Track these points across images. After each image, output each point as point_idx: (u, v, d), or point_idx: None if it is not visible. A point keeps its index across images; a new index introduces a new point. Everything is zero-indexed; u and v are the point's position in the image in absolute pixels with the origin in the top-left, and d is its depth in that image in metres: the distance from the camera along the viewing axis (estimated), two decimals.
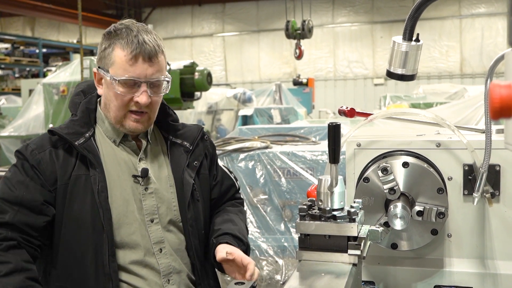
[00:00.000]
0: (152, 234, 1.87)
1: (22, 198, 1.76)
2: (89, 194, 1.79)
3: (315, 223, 1.33)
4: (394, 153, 1.70)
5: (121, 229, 1.82)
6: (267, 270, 4.20)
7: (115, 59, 1.81)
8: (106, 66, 1.84)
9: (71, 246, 1.80)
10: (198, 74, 7.24)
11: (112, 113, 1.87)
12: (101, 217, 1.78)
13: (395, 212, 1.53)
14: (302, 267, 1.33)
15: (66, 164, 1.81)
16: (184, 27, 22.45)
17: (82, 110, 1.91)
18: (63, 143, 1.84)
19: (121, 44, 1.81)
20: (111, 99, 1.85)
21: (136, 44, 1.79)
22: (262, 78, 21.34)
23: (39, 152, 1.81)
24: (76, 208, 1.79)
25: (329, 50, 20.85)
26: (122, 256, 1.82)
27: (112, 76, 1.81)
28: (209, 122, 11.56)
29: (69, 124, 1.88)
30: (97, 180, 1.80)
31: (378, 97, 14.07)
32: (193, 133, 2.06)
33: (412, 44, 1.60)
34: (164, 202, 1.92)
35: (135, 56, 1.79)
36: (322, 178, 1.34)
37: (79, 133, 1.84)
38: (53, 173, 1.79)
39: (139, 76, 1.80)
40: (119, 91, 1.81)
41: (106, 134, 1.92)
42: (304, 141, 4.94)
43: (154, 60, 1.82)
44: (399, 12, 19.19)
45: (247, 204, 4.33)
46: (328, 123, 1.31)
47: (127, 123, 1.86)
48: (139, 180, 1.89)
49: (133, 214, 1.85)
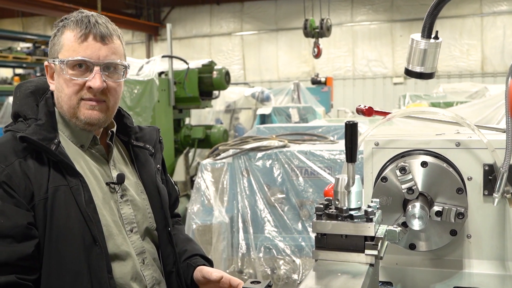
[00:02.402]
0: (134, 245, 1.75)
1: (2, 227, 1.49)
2: (72, 206, 1.58)
3: (332, 223, 1.32)
4: (413, 152, 1.67)
5: (110, 242, 1.66)
6: (284, 269, 4.19)
7: (64, 42, 1.65)
8: (56, 54, 1.67)
9: (63, 266, 1.57)
10: (216, 73, 7.24)
11: (64, 105, 1.67)
12: (92, 230, 1.59)
13: (413, 212, 1.51)
14: (318, 266, 1.31)
15: (40, 175, 1.57)
16: (203, 26, 22.51)
17: (45, 113, 1.67)
18: (30, 151, 1.59)
19: (71, 26, 1.65)
20: (62, 88, 1.66)
21: (86, 23, 1.64)
22: (280, 77, 21.31)
23: (6, 165, 1.54)
24: (61, 224, 1.56)
25: (348, 49, 20.74)
26: (116, 271, 1.67)
27: (61, 60, 1.64)
28: (227, 121, 11.57)
29: (36, 129, 1.61)
30: (81, 190, 1.60)
31: (397, 96, 13.97)
32: (153, 135, 1.94)
33: (431, 42, 1.58)
34: (140, 210, 1.80)
35: (85, 35, 1.63)
36: (339, 177, 1.33)
37: (49, 139, 1.61)
38: (28, 189, 1.54)
39: (90, 57, 1.63)
40: (69, 75, 1.63)
41: (71, 139, 1.71)
42: (322, 140, 4.92)
43: (107, 40, 1.66)
44: (419, 10, 19.00)
45: (265, 203, 4.33)
46: (345, 122, 1.30)
47: (82, 113, 1.66)
48: (114, 187, 1.74)
49: (117, 224, 1.71)
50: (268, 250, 4.26)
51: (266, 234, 4.29)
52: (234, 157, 4.48)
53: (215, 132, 7.47)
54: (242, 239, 4.34)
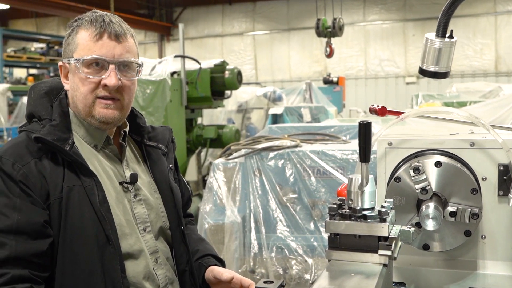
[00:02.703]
0: (147, 244, 1.76)
1: (18, 224, 1.51)
2: (86, 206, 1.60)
3: (345, 223, 1.31)
4: (426, 152, 1.66)
5: (123, 241, 1.67)
6: (296, 269, 4.19)
7: (79, 41, 1.66)
8: (70, 53, 1.68)
9: (76, 266, 1.59)
10: (228, 73, 7.25)
11: (80, 104, 1.68)
12: (106, 229, 1.60)
13: (427, 212, 1.51)
14: (331, 267, 1.31)
15: (55, 175, 1.59)
16: (215, 26, 22.56)
17: (59, 114, 1.68)
18: (45, 151, 1.61)
19: (85, 26, 1.66)
20: (77, 87, 1.67)
21: (101, 22, 1.65)
22: (292, 77, 21.29)
23: (22, 165, 1.56)
24: (75, 224, 1.58)
25: (360, 48, 20.67)
26: (129, 271, 1.68)
27: (76, 59, 1.65)
28: (239, 120, 11.58)
29: (50, 129, 1.63)
30: (95, 189, 1.62)
31: (410, 96, 13.89)
32: (165, 135, 1.95)
33: (446, 41, 1.57)
34: (153, 209, 1.81)
35: (100, 34, 1.65)
36: (353, 177, 1.32)
37: (63, 139, 1.62)
38: (43, 188, 1.56)
39: (105, 55, 1.65)
40: (84, 73, 1.64)
41: (84, 139, 1.72)
42: (334, 140, 4.91)
43: (121, 39, 1.67)
44: (432, 10, 18.87)
45: (277, 203, 4.33)
46: (358, 122, 1.29)
47: (97, 111, 1.67)
48: (127, 187, 1.75)
49: (130, 223, 1.72)
50: (280, 250, 4.26)
51: (278, 234, 4.29)
52: (246, 157, 4.48)
53: (227, 132, 7.48)
54: (254, 239, 4.34)
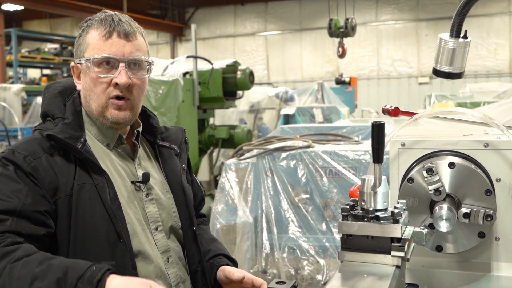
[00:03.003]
0: (158, 243, 1.77)
1: (22, 207, 1.51)
2: (96, 203, 1.61)
3: (358, 224, 1.31)
4: (440, 153, 1.65)
5: (134, 239, 1.68)
6: (308, 270, 4.18)
7: (89, 41, 1.69)
8: (81, 53, 1.71)
9: None
10: (240, 73, 7.25)
11: (93, 104, 1.71)
12: (117, 227, 1.61)
13: (440, 213, 1.50)
14: (344, 267, 1.31)
15: (67, 172, 1.61)
16: (227, 26, 22.59)
17: (71, 113, 1.71)
18: (58, 149, 1.63)
19: (95, 25, 1.69)
20: (90, 87, 1.70)
21: (110, 21, 1.67)
22: (304, 77, 21.26)
23: (33, 158, 1.59)
24: (86, 221, 1.60)
25: (372, 48, 20.60)
26: (140, 269, 1.68)
27: (87, 58, 1.67)
28: (251, 121, 11.59)
29: (63, 127, 1.66)
30: (106, 187, 1.63)
31: (423, 96, 13.82)
32: (178, 135, 1.96)
33: (460, 41, 1.56)
34: (165, 209, 1.82)
35: (110, 32, 1.66)
36: (365, 178, 1.32)
37: (75, 137, 1.65)
38: (52, 183, 1.58)
39: (115, 54, 1.66)
40: (95, 72, 1.66)
41: (97, 138, 1.75)
42: (346, 140, 4.89)
43: (131, 37, 1.69)
44: (445, 9, 18.76)
45: (289, 203, 4.32)
46: (371, 122, 1.29)
47: (109, 113, 1.70)
48: (139, 186, 1.77)
49: (141, 222, 1.73)
50: (292, 250, 4.25)
51: (290, 235, 4.29)
52: (258, 157, 4.48)
53: (239, 132, 7.48)
54: (266, 239, 4.34)
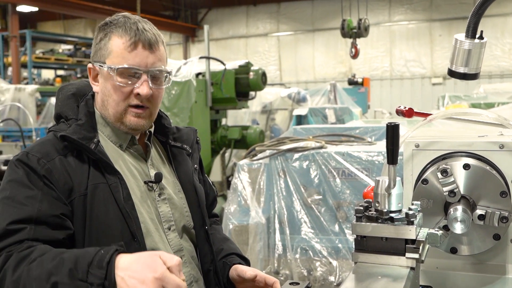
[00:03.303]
0: (171, 243, 1.78)
1: (38, 213, 1.52)
2: (110, 203, 1.62)
3: (372, 225, 1.31)
4: (454, 154, 1.64)
5: (148, 239, 1.69)
6: (321, 271, 4.17)
7: (112, 48, 1.67)
8: (102, 58, 1.70)
9: None
10: (252, 74, 7.27)
11: (111, 110, 1.71)
12: (130, 226, 1.63)
13: (455, 215, 1.49)
14: (358, 269, 1.30)
15: (80, 173, 1.62)
16: (239, 27, 22.62)
17: (85, 114, 1.72)
18: (71, 150, 1.64)
19: (119, 32, 1.67)
20: (109, 93, 1.70)
21: (135, 30, 1.66)
22: (316, 78, 21.22)
23: (47, 160, 1.59)
24: (100, 221, 1.61)
25: (385, 49, 20.51)
26: None
27: (110, 66, 1.66)
28: (263, 121, 11.60)
29: (76, 128, 1.66)
30: (119, 187, 1.64)
31: (436, 97, 13.72)
32: (190, 135, 1.97)
33: (476, 42, 1.55)
34: (177, 208, 1.83)
35: (135, 43, 1.66)
36: (380, 179, 1.31)
37: (88, 138, 1.66)
38: (67, 184, 1.59)
39: (139, 65, 1.66)
40: (118, 82, 1.66)
41: (110, 138, 1.75)
42: (359, 141, 4.88)
43: (154, 48, 1.69)
44: (459, 10, 18.61)
45: (302, 204, 4.32)
46: (386, 123, 1.28)
47: (128, 119, 1.71)
48: (152, 186, 1.78)
49: (154, 222, 1.74)
50: (305, 251, 4.25)
51: (302, 235, 4.28)
52: (271, 158, 4.48)
53: (251, 132, 7.49)
54: (279, 240, 4.33)
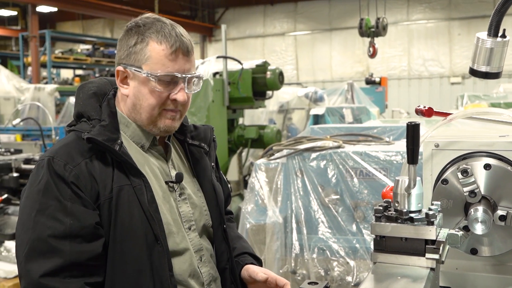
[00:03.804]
0: (192, 242, 1.79)
1: (71, 228, 1.53)
2: (135, 205, 1.62)
3: (391, 225, 1.30)
4: (475, 154, 1.62)
5: (170, 239, 1.70)
6: (338, 271, 4.16)
7: (151, 54, 1.66)
8: (138, 63, 1.68)
9: (126, 264, 1.62)
10: (270, 73, 7.25)
11: (144, 114, 1.71)
12: (154, 229, 1.63)
13: (476, 216, 1.47)
14: (377, 269, 1.30)
15: (105, 176, 1.62)
16: (256, 26, 22.63)
17: (108, 115, 1.72)
18: (96, 152, 1.64)
19: (158, 38, 1.66)
20: (145, 97, 1.69)
21: (175, 37, 1.66)
22: (333, 77, 21.15)
23: (73, 166, 1.58)
24: (125, 223, 1.61)
25: (403, 48, 20.36)
26: (175, 268, 1.70)
27: (149, 73, 1.66)
28: (280, 121, 11.58)
29: (100, 130, 1.66)
30: (144, 189, 1.64)
31: (455, 97, 13.58)
32: (207, 133, 1.97)
33: (498, 41, 1.53)
34: (197, 208, 1.84)
35: (176, 51, 1.67)
36: (399, 179, 1.31)
37: (112, 139, 1.65)
38: (94, 189, 1.59)
39: (178, 72, 1.68)
40: (158, 89, 1.67)
41: (132, 139, 1.75)
42: (377, 141, 4.84)
43: (190, 54, 1.71)
44: (479, 8, 18.39)
45: (319, 204, 4.30)
46: (406, 123, 1.27)
47: (162, 122, 1.72)
48: (173, 186, 1.78)
49: (176, 222, 1.75)
50: (322, 251, 4.23)
51: (319, 235, 4.26)
52: (288, 157, 4.47)
53: (268, 132, 7.48)
54: (296, 240, 4.32)
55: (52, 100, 11.62)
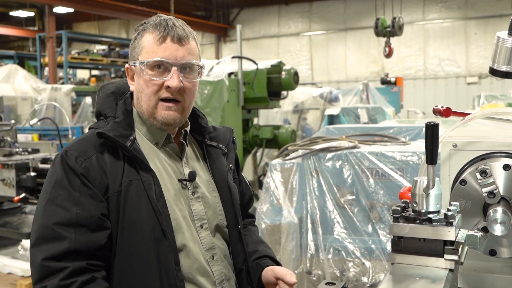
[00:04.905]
0: (203, 240, 1.80)
1: (77, 217, 1.59)
2: (143, 200, 1.66)
3: (409, 226, 1.29)
4: (494, 155, 1.61)
5: (179, 236, 1.72)
6: (354, 271, 4.14)
7: (144, 44, 1.73)
8: (136, 56, 1.75)
9: (133, 258, 1.65)
10: (284, 74, 7.26)
11: (144, 105, 1.76)
12: (161, 223, 1.65)
13: (495, 216, 1.46)
14: (395, 270, 1.29)
15: (115, 170, 1.67)
16: (271, 26, 22.63)
17: (122, 112, 1.77)
18: (108, 147, 1.70)
19: (150, 30, 1.73)
20: (142, 88, 1.74)
21: (164, 26, 1.71)
22: (348, 77, 21.08)
23: (84, 159, 1.65)
24: (133, 217, 1.65)
25: (419, 48, 20.23)
26: (184, 265, 1.72)
27: (141, 61, 1.72)
28: (295, 121, 11.57)
29: (113, 126, 1.72)
30: (152, 185, 1.68)
31: (471, 97, 13.49)
32: (226, 135, 1.99)
33: None
34: (210, 207, 1.85)
35: (164, 37, 1.70)
36: (418, 179, 1.30)
37: (124, 135, 1.71)
38: (103, 182, 1.64)
39: (168, 58, 1.70)
40: (148, 75, 1.71)
41: (146, 136, 1.80)
42: (393, 141, 4.82)
43: (184, 42, 1.72)
44: (496, 7, 18.20)
45: (334, 204, 4.29)
46: (426, 123, 1.27)
47: (159, 113, 1.74)
48: (186, 184, 1.81)
49: (186, 219, 1.77)
50: (337, 251, 4.22)
51: (335, 236, 4.25)
52: (303, 158, 4.47)
53: (283, 132, 7.49)
54: (311, 240, 4.31)
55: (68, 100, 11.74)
